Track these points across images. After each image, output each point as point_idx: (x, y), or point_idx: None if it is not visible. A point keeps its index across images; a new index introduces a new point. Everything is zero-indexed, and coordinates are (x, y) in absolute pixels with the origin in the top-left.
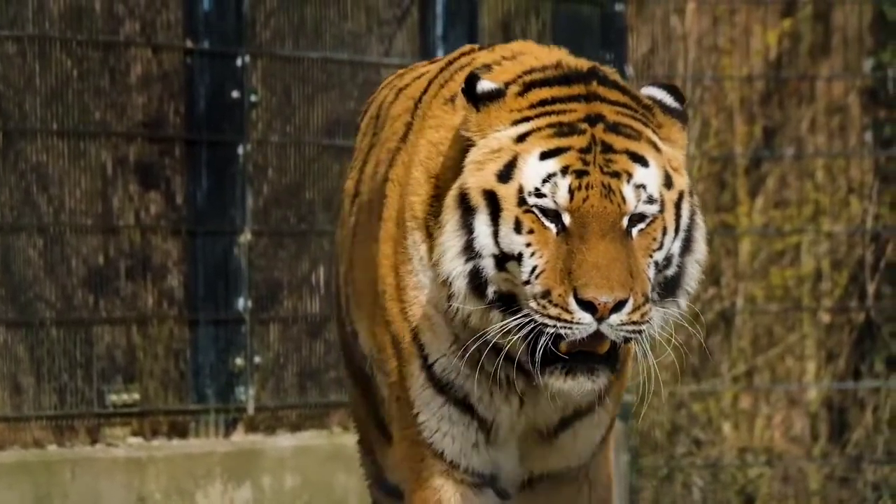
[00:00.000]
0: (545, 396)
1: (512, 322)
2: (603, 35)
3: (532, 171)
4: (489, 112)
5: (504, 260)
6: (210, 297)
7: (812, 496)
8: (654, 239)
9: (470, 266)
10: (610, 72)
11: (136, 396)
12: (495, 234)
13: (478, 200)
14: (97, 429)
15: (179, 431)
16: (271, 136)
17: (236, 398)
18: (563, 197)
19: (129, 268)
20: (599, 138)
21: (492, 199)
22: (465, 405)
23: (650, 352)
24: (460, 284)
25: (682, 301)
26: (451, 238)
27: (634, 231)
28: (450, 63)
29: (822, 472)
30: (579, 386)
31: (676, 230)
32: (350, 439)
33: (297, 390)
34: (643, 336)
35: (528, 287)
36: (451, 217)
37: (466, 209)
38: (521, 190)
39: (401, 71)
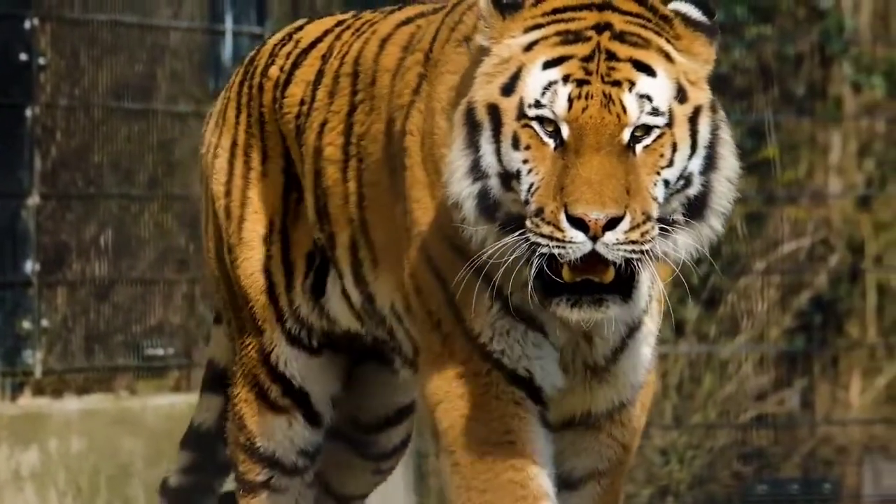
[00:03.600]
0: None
1: (508, 241)
2: None
3: (534, 81)
4: (511, 19)
5: (508, 178)
6: None
7: None
8: (662, 155)
9: (478, 187)
10: None
11: None
12: (497, 152)
13: (482, 116)
14: None
15: None
16: (59, 99)
17: (23, 361)
18: (561, 106)
19: None
20: (604, 46)
21: (494, 114)
22: (543, 331)
23: (657, 277)
24: (469, 206)
25: (715, 221)
26: (458, 157)
27: (639, 147)
28: (454, 7)
29: None
30: (588, 317)
31: (693, 147)
32: (136, 403)
33: (84, 354)
34: (646, 257)
35: (527, 206)
36: (458, 134)
37: (473, 125)
38: (521, 103)
39: (349, 20)
